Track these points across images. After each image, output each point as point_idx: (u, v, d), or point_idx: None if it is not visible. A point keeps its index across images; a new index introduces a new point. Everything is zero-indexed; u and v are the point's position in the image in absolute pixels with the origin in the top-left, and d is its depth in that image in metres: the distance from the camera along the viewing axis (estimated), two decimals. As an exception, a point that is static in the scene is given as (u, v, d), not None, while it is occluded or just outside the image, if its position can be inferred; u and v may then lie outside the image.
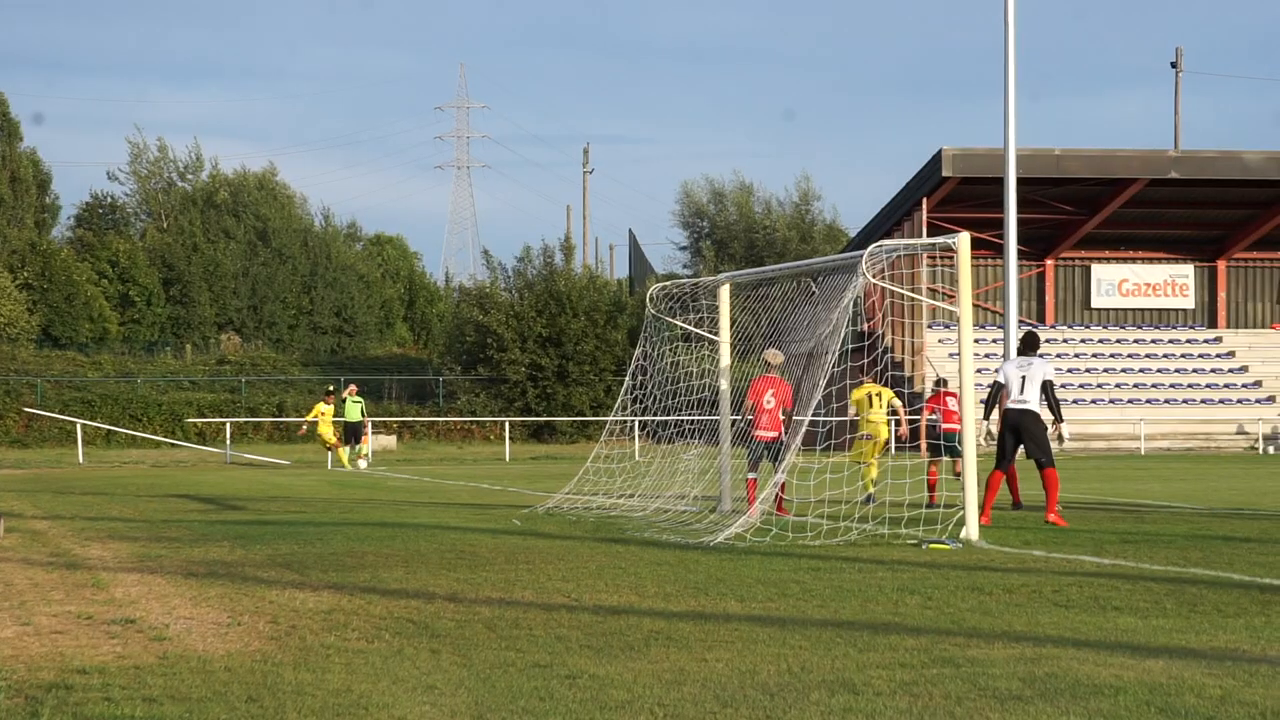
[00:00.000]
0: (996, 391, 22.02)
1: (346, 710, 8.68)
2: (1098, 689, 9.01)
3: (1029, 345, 22.09)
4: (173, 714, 8.63)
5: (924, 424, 26.87)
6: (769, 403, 23.23)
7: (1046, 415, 21.82)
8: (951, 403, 26.74)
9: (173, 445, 62.05)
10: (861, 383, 28.00)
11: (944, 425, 26.31)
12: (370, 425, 54.34)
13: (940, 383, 27.99)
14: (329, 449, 49.15)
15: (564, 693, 9.12)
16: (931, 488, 25.43)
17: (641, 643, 10.96)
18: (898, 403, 27.85)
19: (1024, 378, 21.73)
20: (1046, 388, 21.75)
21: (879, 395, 27.52)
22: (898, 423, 28.43)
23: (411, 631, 11.57)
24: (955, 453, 24.33)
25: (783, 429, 23.09)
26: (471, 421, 71.02)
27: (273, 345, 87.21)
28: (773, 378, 23.48)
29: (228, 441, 57.52)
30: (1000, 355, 58.49)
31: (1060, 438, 22.25)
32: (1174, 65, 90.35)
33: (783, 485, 23.08)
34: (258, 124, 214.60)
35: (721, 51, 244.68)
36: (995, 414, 22.06)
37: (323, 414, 48.95)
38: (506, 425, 63.15)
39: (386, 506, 27.03)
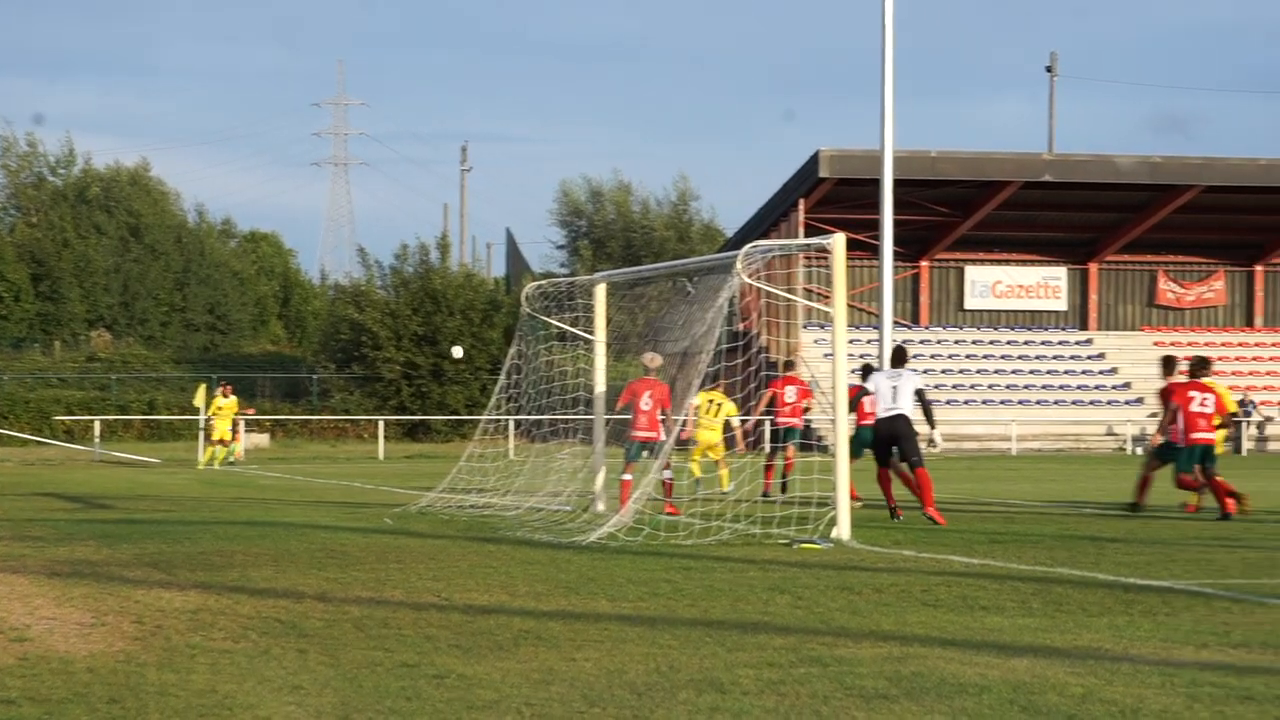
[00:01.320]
0: (859, 398, 22.62)
1: (210, 711, 8.58)
2: (963, 688, 9.07)
3: (899, 359, 22.73)
4: (31, 715, 8.50)
5: (765, 408, 27.28)
6: (646, 404, 23.31)
7: (920, 421, 22.24)
8: (790, 392, 27.05)
9: (40, 443, 61.21)
10: (715, 388, 28.12)
11: (780, 419, 27.00)
12: (243, 423, 53.97)
13: (788, 365, 28.31)
14: (219, 442, 48.70)
15: (431, 692, 9.06)
16: (767, 478, 25.96)
17: (510, 642, 10.92)
18: (735, 422, 28.07)
19: (895, 388, 22.30)
20: (920, 396, 22.33)
21: (719, 406, 27.60)
22: (731, 438, 28.62)
23: (279, 631, 11.47)
24: (789, 438, 24.77)
25: (661, 430, 23.17)
26: (345, 420, 70.60)
27: (144, 342, 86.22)
28: (651, 380, 23.57)
29: (96, 439, 56.84)
30: (875, 356, 58.96)
31: (933, 443, 22.77)
32: (1049, 69, 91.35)
33: (670, 485, 23.18)
34: (132, 119, 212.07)
35: (600, 50, 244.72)
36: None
37: (220, 408, 48.60)
38: (381, 424, 62.81)
39: (257, 505, 26.81)
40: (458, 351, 25.10)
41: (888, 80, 55.44)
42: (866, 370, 27.51)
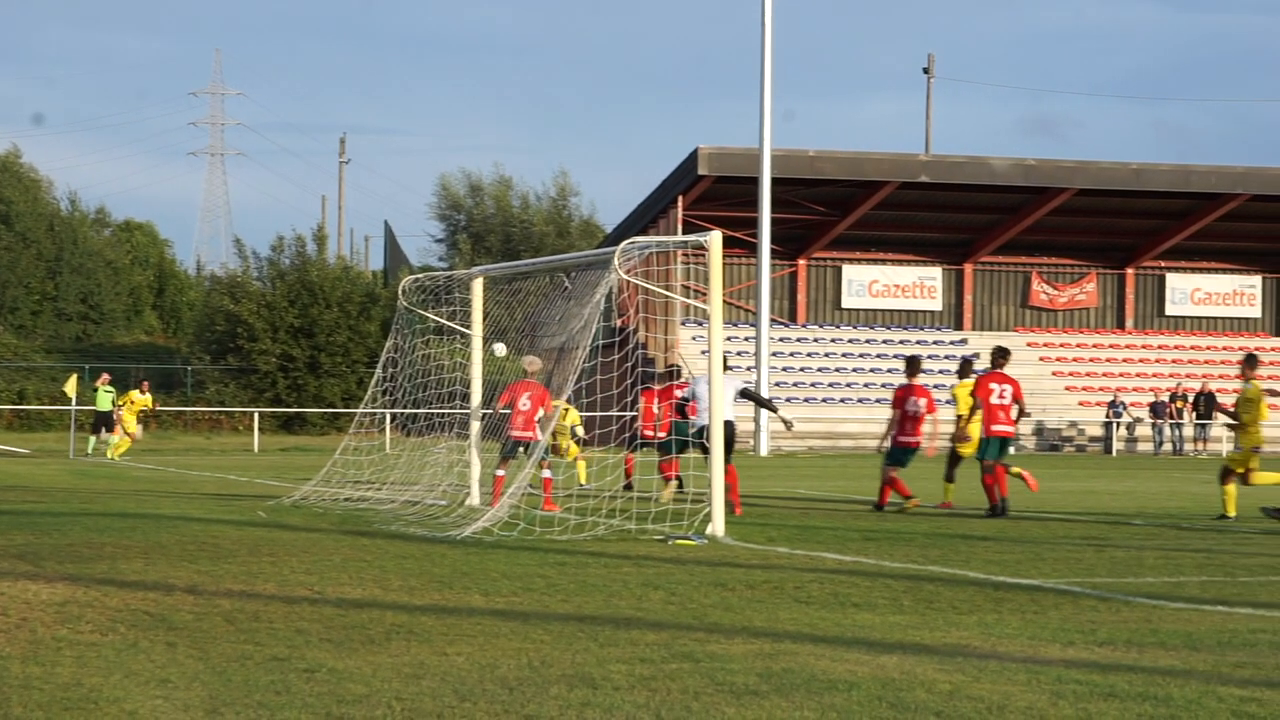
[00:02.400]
0: (687, 400, 22.93)
1: (75, 705, 8.49)
2: (832, 684, 9.13)
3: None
4: (-108, 708, 8.38)
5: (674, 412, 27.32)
6: (525, 405, 23.47)
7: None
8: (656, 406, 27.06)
9: (-94, 433, 60.29)
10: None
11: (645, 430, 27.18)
12: (120, 414, 53.44)
13: (674, 373, 28.52)
14: (126, 434, 48.18)
15: (301, 686, 9.01)
16: (628, 474, 25.98)
17: (383, 636, 10.88)
18: (580, 431, 28.54)
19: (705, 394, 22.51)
20: (744, 395, 23.02)
21: (566, 411, 27.82)
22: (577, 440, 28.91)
23: (148, 624, 11.37)
24: (667, 450, 24.77)
25: (537, 431, 23.30)
26: (220, 412, 70.01)
27: (14, 331, 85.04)
28: (531, 382, 23.80)
29: (-35, 429, 56.03)
30: (751, 354, 59.23)
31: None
32: (926, 71, 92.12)
33: (549, 482, 23.21)
34: (2, 106, 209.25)
35: (481, 45, 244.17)
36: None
37: (133, 401, 48.13)
38: (256, 416, 62.37)
39: (128, 497, 26.55)
40: (500, 349, 25.02)
41: (767, 79, 55.71)
42: (673, 374, 28.03)
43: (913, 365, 25.26)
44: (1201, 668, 9.86)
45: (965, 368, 27.13)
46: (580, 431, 28.89)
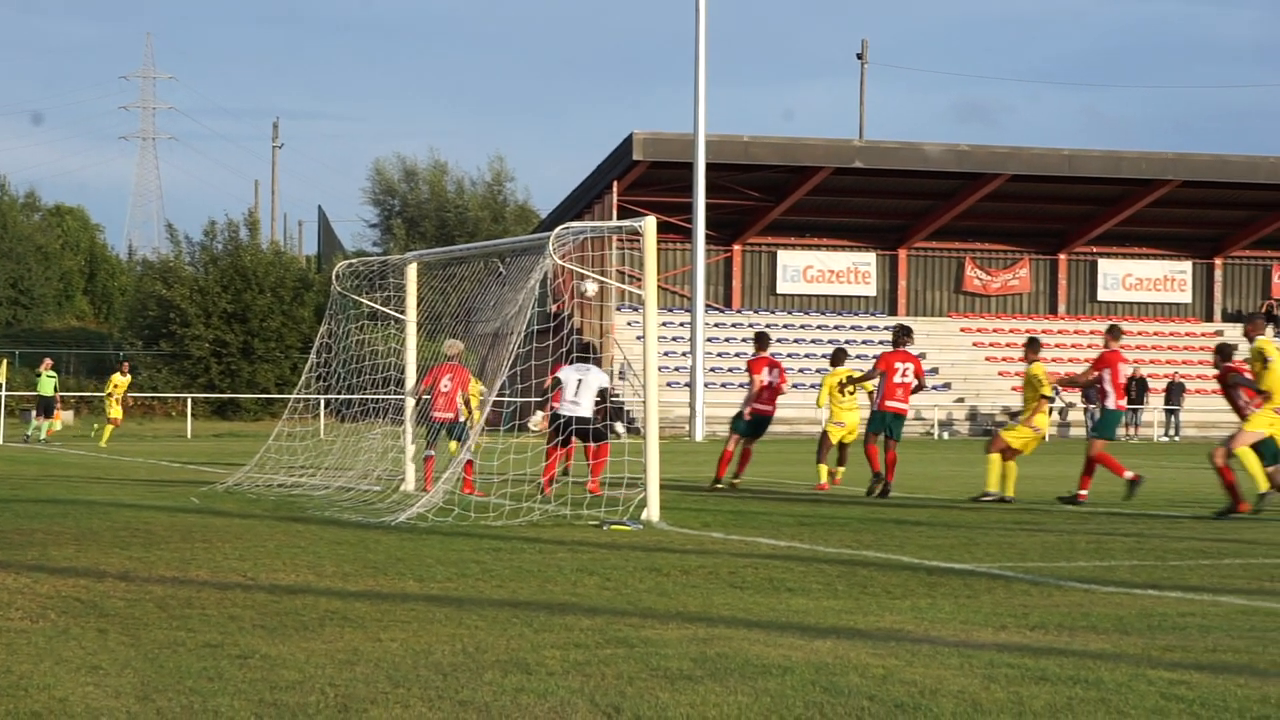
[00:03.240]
0: (554, 387, 23.09)
1: (4, 692, 8.42)
2: (766, 669, 9.15)
3: (585, 352, 22.99)
4: None
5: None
6: (445, 386, 23.67)
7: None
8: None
9: None
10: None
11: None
12: (60, 400, 53.17)
13: (588, 350, 28.55)
14: (109, 421, 47.93)
15: (234, 673, 8.97)
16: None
17: (316, 622, 10.85)
18: (474, 404, 28.53)
19: (580, 381, 22.76)
20: (603, 395, 23.10)
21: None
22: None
23: (79, 611, 11.29)
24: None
25: (459, 411, 23.37)
26: (153, 397, 69.63)
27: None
28: (452, 365, 24.01)
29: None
30: (687, 339, 59.28)
31: (616, 434, 23.71)
32: (860, 57, 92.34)
33: (470, 465, 23.15)
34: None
35: (417, 29, 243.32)
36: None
37: (117, 385, 47.91)
38: (189, 401, 62.06)
39: (60, 483, 26.38)
40: (591, 288, 25.03)
41: (701, 65, 55.71)
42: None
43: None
44: (1132, 651, 9.93)
45: (839, 357, 28.09)
46: (474, 405, 28.73)
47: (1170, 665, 9.41)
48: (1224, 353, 22.14)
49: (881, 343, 70.72)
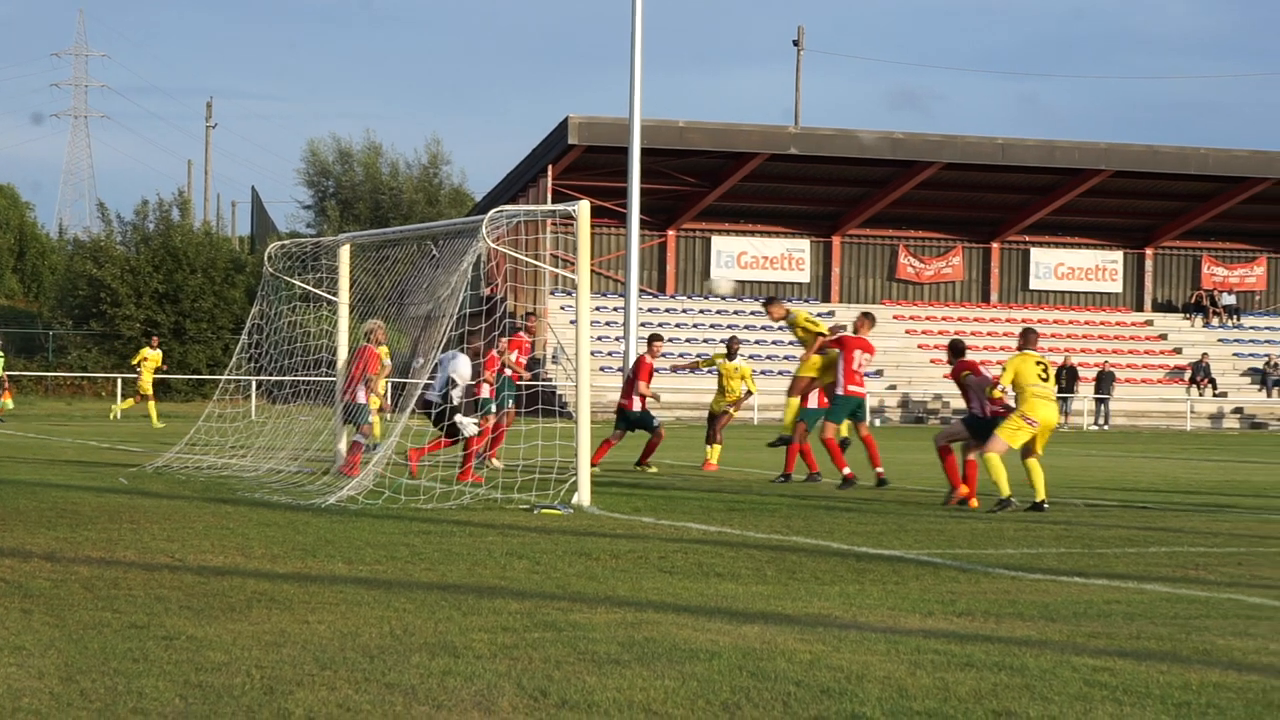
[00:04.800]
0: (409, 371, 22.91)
1: (-73, 672, 8.36)
2: (694, 653, 9.18)
3: (460, 340, 22.76)
4: None
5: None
6: (353, 370, 23.75)
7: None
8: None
9: None
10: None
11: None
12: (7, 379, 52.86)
13: (523, 325, 28.36)
14: (141, 398, 47.59)
15: (159, 654, 8.93)
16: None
17: (244, 604, 10.81)
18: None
19: (438, 365, 22.53)
20: (451, 383, 22.39)
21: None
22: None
23: (3, 591, 11.22)
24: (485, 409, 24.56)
25: (359, 393, 23.55)
26: (82, 377, 69.15)
27: None
28: (366, 346, 23.83)
29: None
30: (620, 324, 59.24)
31: (463, 427, 23.60)
32: (796, 43, 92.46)
33: (360, 447, 23.16)
34: None
35: (354, 10, 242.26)
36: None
37: (146, 359, 47.48)
38: (119, 382, 61.65)
39: (-13, 463, 26.16)
40: (726, 285, 25.48)
41: (637, 49, 55.68)
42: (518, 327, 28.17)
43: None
44: (1057, 638, 10.00)
45: (731, 344, 28.77)
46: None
47: (1095, 652, 9.48)
48: (955, 349, 22.57)
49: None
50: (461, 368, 22.41)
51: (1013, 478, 19.61)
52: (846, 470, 23.55)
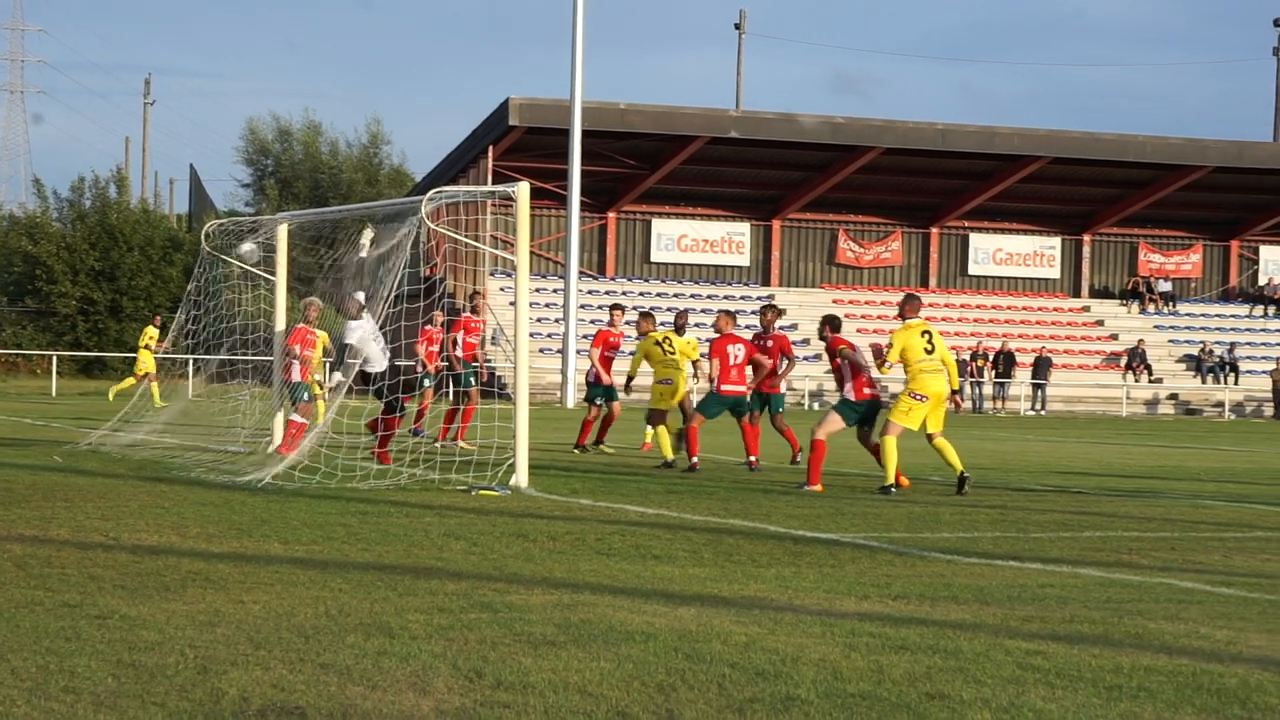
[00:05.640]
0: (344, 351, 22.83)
1: None
2: (630, 635, 9.18)
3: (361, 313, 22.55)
4: None
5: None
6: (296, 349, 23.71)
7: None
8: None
9: None
10: None
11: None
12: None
13: (468, 306, 28.34)
14: (143, 377, 47.03)
15: (92, 633, 8.88)
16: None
17: (178, 584, 10.76)
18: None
19: (347, 327, 22.19)
20: (345, 350, 22.10)
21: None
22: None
23: (-65, 569, 11.13)
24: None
25: (294, 372, 23.46)
26: (17, 355, 68.71)
27: None
28: (300, 325, 23.72)
29: None
30: (560, 305, 59.23)
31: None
32: (737, 27, 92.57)
33: (301, 428, 23.15)
34: None
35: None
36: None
37: (152, 337, 46.89)
38: (54, 359, 61.29)
39: (-80, 440, 25.98)
40: (249, 253, 24.95)
41: (579, 31, 55.65)
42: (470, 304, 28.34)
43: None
44: (991, 621, 10.06)
45: (678, 319, 29.80)
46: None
47: (1028, 635, 9.53)
48: (833, 324, 22.91)
49: (754, 313, 71.04)
50: (352, 334, 22.07)
51: (929, 462, 19.69)
52: (695, 460, 23.43)
